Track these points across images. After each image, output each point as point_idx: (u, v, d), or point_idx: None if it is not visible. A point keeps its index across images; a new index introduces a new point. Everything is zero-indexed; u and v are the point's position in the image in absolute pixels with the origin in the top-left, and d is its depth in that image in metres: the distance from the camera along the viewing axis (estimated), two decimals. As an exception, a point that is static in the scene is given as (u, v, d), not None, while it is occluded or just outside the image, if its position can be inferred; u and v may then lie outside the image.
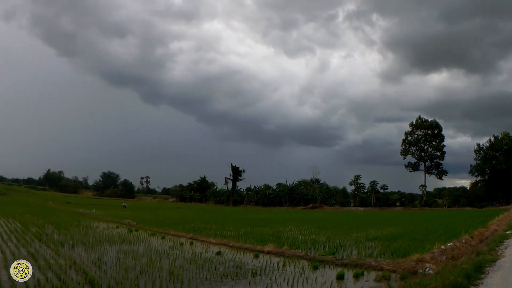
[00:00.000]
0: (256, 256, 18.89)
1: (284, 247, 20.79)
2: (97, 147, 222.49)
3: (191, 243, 23.78)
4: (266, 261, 17.42)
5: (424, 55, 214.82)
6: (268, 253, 19.81)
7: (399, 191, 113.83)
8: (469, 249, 20.22)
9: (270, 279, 14.01)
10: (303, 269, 15.73)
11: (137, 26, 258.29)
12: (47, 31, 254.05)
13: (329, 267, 16.35)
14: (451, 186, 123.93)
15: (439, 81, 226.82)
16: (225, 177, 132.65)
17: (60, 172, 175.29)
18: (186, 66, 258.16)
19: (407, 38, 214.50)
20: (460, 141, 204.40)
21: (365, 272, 15.07)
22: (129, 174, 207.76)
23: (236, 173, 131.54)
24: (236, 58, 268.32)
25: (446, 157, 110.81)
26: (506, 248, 18.95)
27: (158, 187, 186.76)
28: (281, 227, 37.09)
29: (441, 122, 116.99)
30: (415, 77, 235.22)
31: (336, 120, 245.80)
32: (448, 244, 19.54)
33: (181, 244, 23.28)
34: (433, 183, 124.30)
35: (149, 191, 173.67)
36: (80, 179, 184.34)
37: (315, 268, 16.06)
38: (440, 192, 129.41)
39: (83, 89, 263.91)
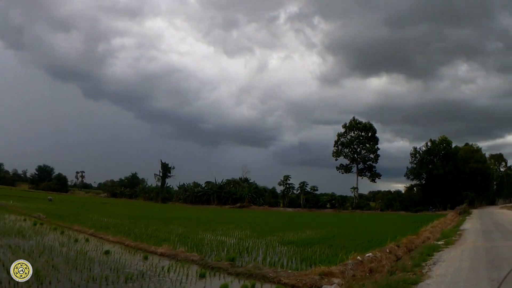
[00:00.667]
0: (146, 258, 16.43)
1: (179, 249, 18.30)
2: (39, 140, 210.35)
3: (87, 240, 21.58)
4: (153, 264, 15.13)
5: (365, 59, 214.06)
6: (161, 254, 17.40)
7: (332, 193, 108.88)
8: (393, 261, 17.07)
9: (142, 286, 11.82)
10: (187, 277, 13.29)
11: (83, 21, 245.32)
12: None
13: (220, 275, 13.77)
14: (388, 190, 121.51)
15: (379, 86, 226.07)
16: (154, 174, 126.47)
17: (1, 165, 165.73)
18: (128, 63, 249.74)
19: (349, 42, 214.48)
20: (398, 145, 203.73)
21: (257, 285, 12.53)
22: (67, 168, 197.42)
23: (166, 169, 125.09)
24: (176, 56, 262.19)
25: (383, 161, 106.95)
26: (434, 264, 15.96)
27: (95, 182, 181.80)
28: (197, 227, 33.53)
29: (379, 126, 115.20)
30: (354, 80, 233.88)
31: (273, 121, 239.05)
32: (367, 255, 16.04)
33: (76, 240, 21.11)
34: (368, 186, 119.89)
35: (85, 186, 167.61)
36: (20, 171, 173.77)
37: (202, 276, 13.53)
38: (375, 195, 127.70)
39: (28, 83, 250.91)
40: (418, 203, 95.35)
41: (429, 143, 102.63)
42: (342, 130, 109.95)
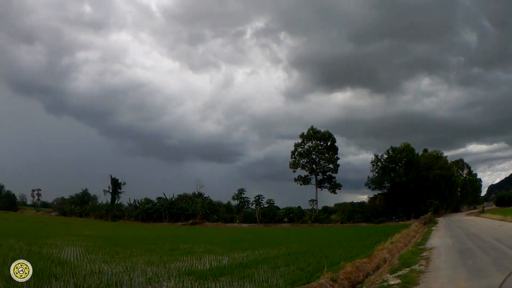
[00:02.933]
0: None
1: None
2: None
3: None
4: None
5: (329, 74, 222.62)
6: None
7: (288, 207, 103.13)
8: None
9: None
10: None
11: (46, 33, 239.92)
12: None
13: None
14: (355, 202, 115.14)
15: (343, 100, 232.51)
16: (104, 190, 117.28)
17: None
18: (91, 77, 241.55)
19: (314, 57, 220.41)
20: (362, 158, 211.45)
21: None
22: (23, 186, 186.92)
23: (116, 185, 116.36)
24: (141, 71, 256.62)
25: (349, 173, 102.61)
26: None
27: (54, 200, 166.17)
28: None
29: (344, 139, 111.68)
30: (319, 95, 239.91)
31: (238, 136, 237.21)
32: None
33: None
34: (334, 198, 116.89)
35: (44, 205, 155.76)
36: None
37: None
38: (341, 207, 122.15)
39: None
40: (381, 213, 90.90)
41: (390, 151, 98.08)
42: (300, 140, 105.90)
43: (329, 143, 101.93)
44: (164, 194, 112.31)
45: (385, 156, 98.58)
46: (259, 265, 20.68)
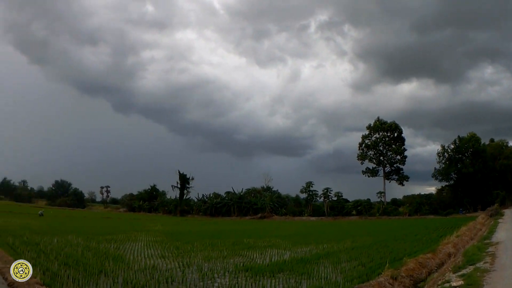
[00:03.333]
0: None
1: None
2: (63, 156, 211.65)
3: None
4: None
5: (394, 65, 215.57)
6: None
7: (357, 199, 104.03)
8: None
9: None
10: None
11: (110, 34, 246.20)
12: (19, 37, 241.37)
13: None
14: (422, 193, 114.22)
15: (409, 91, 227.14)
16: (172, 185, 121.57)
17: (19, 182, 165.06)
18: (158, 75, 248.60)
19: (379, 48, 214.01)
20: (430, 149, 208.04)
21: None
22: (93, 183, 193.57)
23: (184, 180, 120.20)
24: (208, 68, 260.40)
25: (417, 165, 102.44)
26: None
27: (123, 197, 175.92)
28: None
29: (411, 130, 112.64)
30: (386, 86, 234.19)
31: (307, 129, 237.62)
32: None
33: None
34: (402, 191, 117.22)
35: (114, 201, 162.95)
36: (36, 187, 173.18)
37: None
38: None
39: (54, 98, 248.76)
40: (448, 205, 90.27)
41: (457, 141, 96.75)
42: (367, 132, 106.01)
43: (395, 134, 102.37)
44: (232, 189, 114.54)
45: (452, 146, 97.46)
46: (321, 260, 20.75)
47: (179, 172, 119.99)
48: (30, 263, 15.19)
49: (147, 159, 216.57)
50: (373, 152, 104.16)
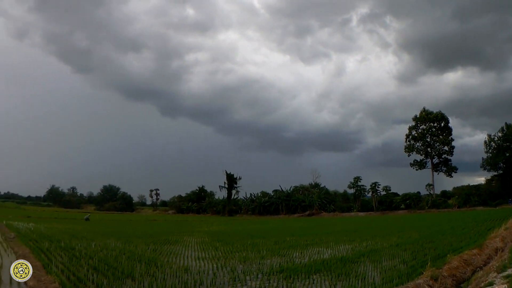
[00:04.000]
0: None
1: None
2: (112, 161, 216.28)
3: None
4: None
5: (438, 54, 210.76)
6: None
7: (404, 193, 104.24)
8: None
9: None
10: None
11: (152, 40, 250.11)
12: (61, 48, 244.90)
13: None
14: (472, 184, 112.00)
15: (455, 80, 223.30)
16: (219, 186, 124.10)
17: (68, 189, 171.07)
18: (203, 77, 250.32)
19: (422, 38, 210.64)
20: (478, 139, 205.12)
21: None
22: (143, 187, 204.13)
23: (231, 180, 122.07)
24: (253, 67, 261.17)
25: (465, 155, 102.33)
26: None
27: (171, 199, 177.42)
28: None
29: (458, 120, 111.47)
30: (431, 77, 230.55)
31: (355, 124, 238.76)
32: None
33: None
34: (451, 182, 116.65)
35: (164, 204, 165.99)
36: (85, 193, 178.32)
37: None
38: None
39: (99, 105, 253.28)
40: (498, 195, 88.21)
41: (504, 128, 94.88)
42: (413, 123, 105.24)
43: (442, 124, 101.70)
44: (280, 187, 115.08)
45: (499, 134, 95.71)
46: (362, 258, 20.18)
47: (226, 172, 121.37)
48: (59, 268, 16.51)
49: (195, 161, 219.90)
50: (420, 144, 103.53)
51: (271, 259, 20.66)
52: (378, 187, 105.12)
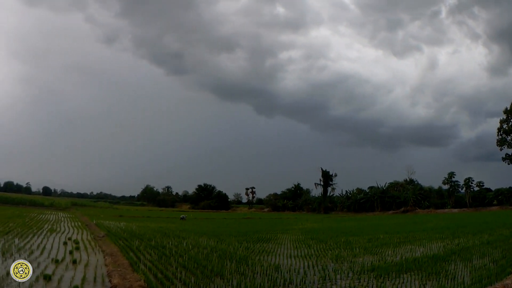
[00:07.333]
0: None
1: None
2: (209, 161, 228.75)
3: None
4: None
5: None
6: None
7: (497, 189, 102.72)
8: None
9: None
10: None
11: (245, 39, 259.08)
12: (152, 51, 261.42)
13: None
14: None
15: None
16: (315, 183, 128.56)
17: (162, 188, 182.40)
18: (297, 75, 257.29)
19: (510, 28, 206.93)
20: None
21: None
22: (239, 185, 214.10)
23: (327, 177, 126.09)
24: (347, 63, 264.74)
25: None
26: None
27: (267, 196, 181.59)
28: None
29: None
30: None
31: (449, 118, 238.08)
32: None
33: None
34: None
35: (259, 202, 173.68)
36: (181, 192, 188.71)
37: None
38: None
39: (194, 106, 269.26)
40: None
41: None
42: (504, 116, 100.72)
43: None
44: (376, 183, 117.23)
45: None
46: (453, 257, 20.34)
47: (321, 169, 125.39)
48: (146, 266, 17.29)
49: (291, 158, 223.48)
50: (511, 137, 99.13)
51: (363, 257, 21.17)
52: (471, 183, 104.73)
